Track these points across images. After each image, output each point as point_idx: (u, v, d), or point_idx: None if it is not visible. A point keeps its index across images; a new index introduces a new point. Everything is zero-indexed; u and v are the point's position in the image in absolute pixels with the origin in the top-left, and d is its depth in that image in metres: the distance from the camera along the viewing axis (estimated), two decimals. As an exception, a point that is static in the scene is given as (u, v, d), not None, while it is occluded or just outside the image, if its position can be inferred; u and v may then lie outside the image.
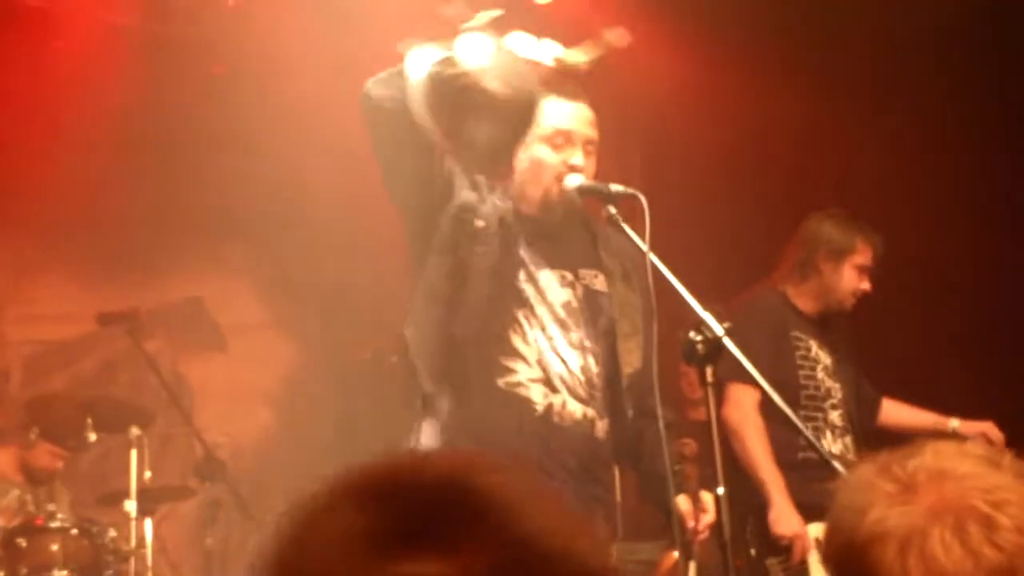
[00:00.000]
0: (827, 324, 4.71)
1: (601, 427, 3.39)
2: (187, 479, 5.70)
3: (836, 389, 4.64)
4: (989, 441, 4.60)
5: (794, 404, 4.30)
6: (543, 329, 3.35)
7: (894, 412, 4.86)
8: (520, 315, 3.34)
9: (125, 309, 5.41)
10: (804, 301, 4.66)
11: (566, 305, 3.41)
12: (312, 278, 6.13)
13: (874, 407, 4.89)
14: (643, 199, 3.18)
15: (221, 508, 5.51)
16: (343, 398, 6.45)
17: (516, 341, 3.32)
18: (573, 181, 3.33)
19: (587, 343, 3.40)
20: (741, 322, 4.68)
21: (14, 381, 6.01)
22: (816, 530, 4.40)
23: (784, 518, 4.32)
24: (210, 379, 6.15)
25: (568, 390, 3.34)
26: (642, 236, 3.16)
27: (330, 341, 6.33)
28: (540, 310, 3.37)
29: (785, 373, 4.45)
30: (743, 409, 4.49)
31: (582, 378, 3.37)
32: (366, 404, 6.10)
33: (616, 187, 3.26)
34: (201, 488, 5.46)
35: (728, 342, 3.04)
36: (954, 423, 4.69)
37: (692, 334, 3.01)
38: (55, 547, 4.78)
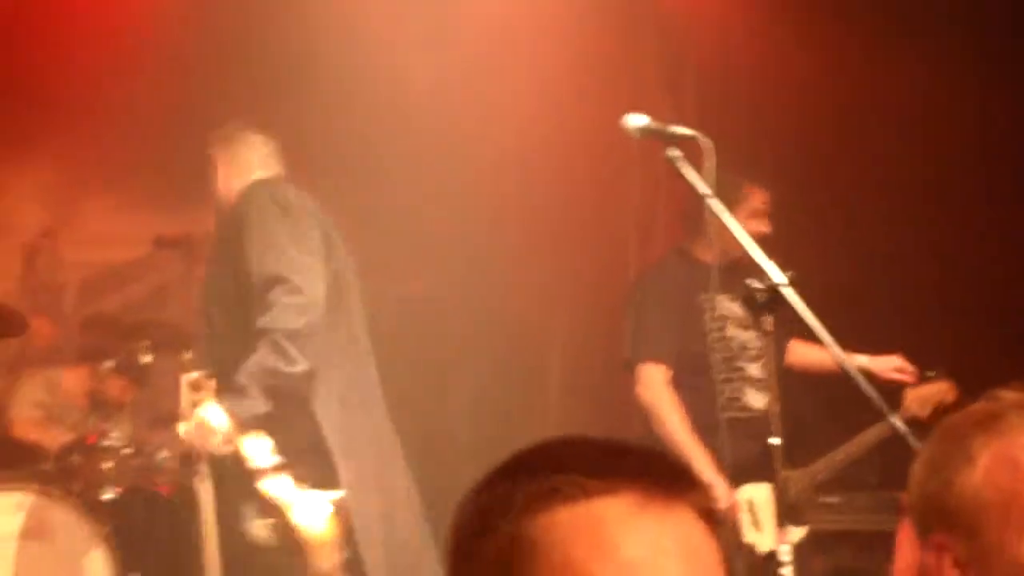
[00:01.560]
0: (738, 268, 4.23)
1: None
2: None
3: (752, 339, 4.54)
4: (901, 372, 4.56)
5: (708, 370, 4.26)
6: None
7: (802, 352, 4.71)
8: None
9: (180, 234, 5.44)
10: (705, 253, 4.38)
11: None
12: (371, 211, 6.12)
13: (781, 349, 4.74)
14: (706, 141, 3.13)
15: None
16: (396, 335, 6.45)
17: None
18: (635, 121, 3.26)
19: None
20: (641, 301, 4.71)
21: (69, 301, 6.07)
22: (747, 492, 4.39)
23: (721, 490, 4.25)
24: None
25: None
26: (706, 180, 3.13)
27: (385, 276, 6.34)
28: None
29: (694, 343, 4.37)
30: (654, 388, 4.48)
31: None
32: (402, 342, 6.13)
33: (678, 129, 3.19)
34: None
35: (789, 291, 3.00)
36: (862, 359, 4.42)
37: (752, 282, 2.98)
38: (108, 465, 4.85)
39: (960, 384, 4.51)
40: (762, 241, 4.25)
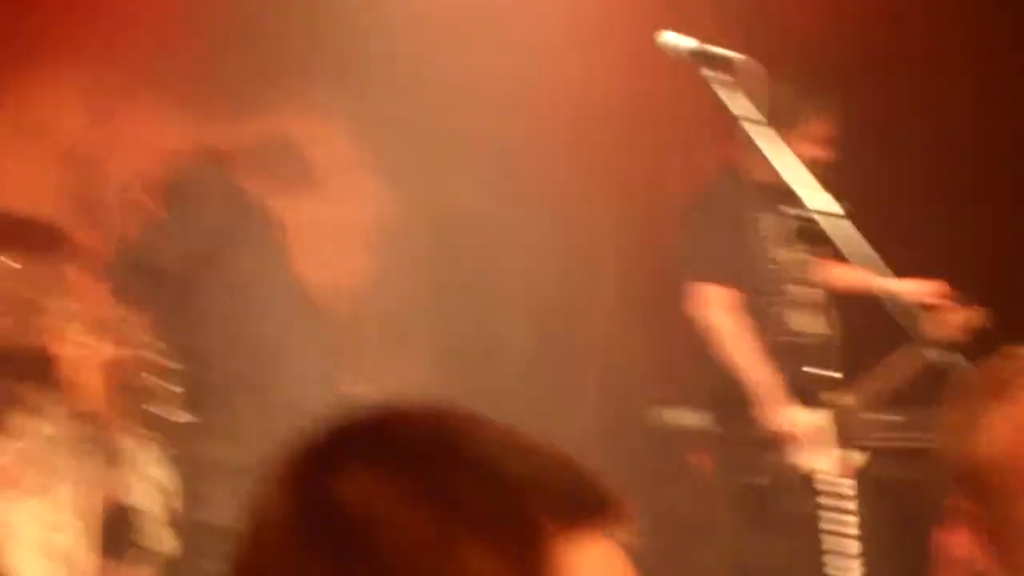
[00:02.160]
0: (786, 189, 4.29)
1: None
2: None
3: (794, 260, 4.50)
4: (945, 297, 4.46)
5: (756, 293, 4.21)
6: None
7: (843, 274, 4.54)
8: None
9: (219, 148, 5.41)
10: (758, 171, 4.16)
11: None
12: (411, 119, 6.01)
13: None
14: (747, 62, 3.04)
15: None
16: (441, 245, 6.36)
17: None
18: (668, 38, 3.12)
19: None
20: (697, 222, 4.58)
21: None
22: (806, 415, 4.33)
23: (781, 413, 4.22)
24: (303, 219, 6.12)
25: None
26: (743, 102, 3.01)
27: (427, 185, 6.25)
28: None
29: (745, 264, 4.31)
30: (716, 310, 4.41)
31: None
32: (464, 252, 6.05)
33: (713, 48, 3.07)
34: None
35: (837, 221, 2.94)
36: (894, 283, 4.39)
37: (806, 212, 2.98)
38: (180, 389, 4.83)
39: (1004, 313, 4.38)
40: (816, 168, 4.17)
